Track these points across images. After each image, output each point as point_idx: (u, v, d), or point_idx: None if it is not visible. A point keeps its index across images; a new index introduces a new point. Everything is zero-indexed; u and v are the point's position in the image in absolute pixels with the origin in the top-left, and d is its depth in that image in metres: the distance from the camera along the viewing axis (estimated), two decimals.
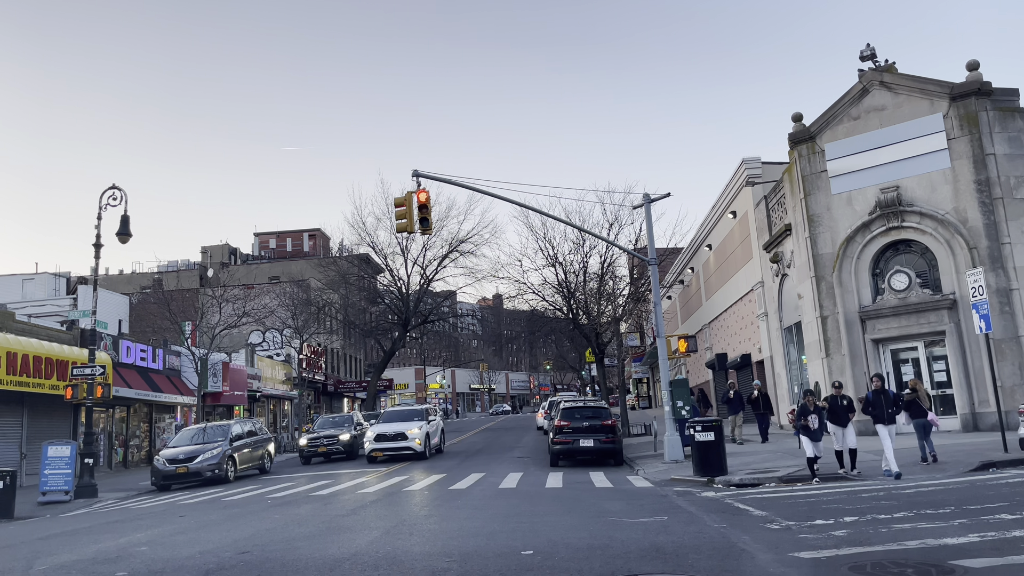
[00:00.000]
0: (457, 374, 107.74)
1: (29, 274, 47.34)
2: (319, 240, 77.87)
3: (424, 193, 18.33)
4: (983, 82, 20.90)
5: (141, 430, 33.47)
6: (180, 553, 9.49)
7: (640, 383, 65.07)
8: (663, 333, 21.80)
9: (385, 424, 25.73)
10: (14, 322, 25.44)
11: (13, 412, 24.57)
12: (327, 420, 30.82)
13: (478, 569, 7.45)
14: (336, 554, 8.72)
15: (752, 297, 31.07)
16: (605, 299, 35.19)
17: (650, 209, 22.11)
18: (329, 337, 57.11)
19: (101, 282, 27.69)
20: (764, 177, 29.06)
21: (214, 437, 22.77)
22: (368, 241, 41.64)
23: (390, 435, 24.53)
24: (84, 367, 21.38)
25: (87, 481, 20.18)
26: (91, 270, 23.95)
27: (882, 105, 22.32)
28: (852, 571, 6.64)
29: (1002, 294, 19.94)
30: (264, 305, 44.90)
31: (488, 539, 9.13)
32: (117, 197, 21.74)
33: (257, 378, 42.71)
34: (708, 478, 14.72)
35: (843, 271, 22.35)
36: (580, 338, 39.88)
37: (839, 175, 22.77)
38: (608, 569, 7.13)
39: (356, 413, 33.26)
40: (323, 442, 27.70)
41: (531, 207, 24.94)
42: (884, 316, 21.56)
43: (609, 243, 30.14)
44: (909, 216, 21.51)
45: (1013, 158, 20.54)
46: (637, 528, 9.43)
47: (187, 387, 35.48)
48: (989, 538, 7.64)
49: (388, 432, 24.64)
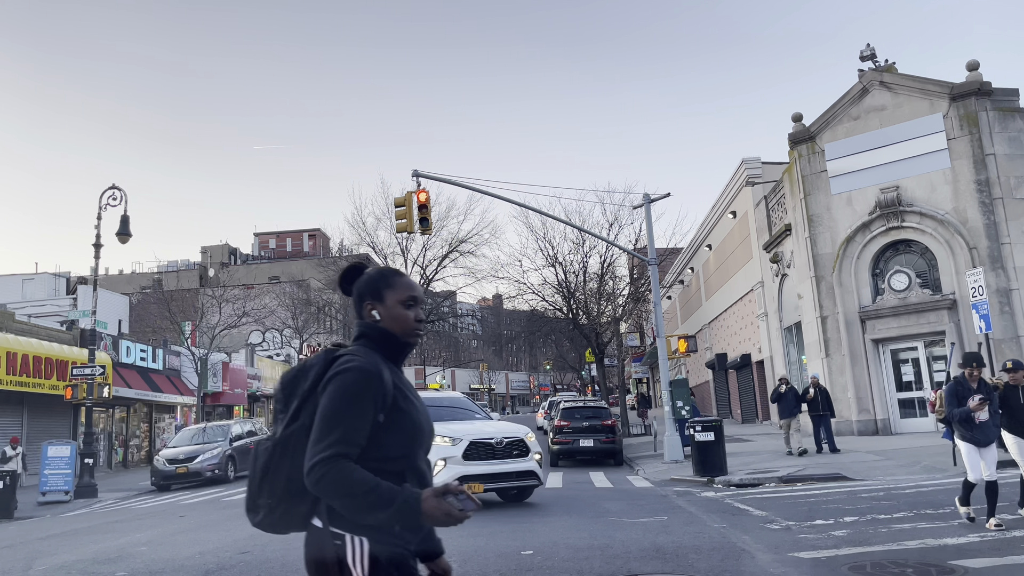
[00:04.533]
0: (457, 374, 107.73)
1: (29, 274, 47.38)
2: (319, 240, 77.91)
3: (424, 193, 18.33)
4: (983, 82, 20.90)
5: (141, 430, 33.49)
6: (180, 553, 9.49)
7: (640, 383, 65.11)
8: (663, 333, 21.80)
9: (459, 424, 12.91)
10: (14, 322, 25.46)
11: (13, 412, 24.59)
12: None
13: (478, 569, 7.45)
14: None
15: (752, 297, 31.07)
16: (605, 299, 35.20)
17: (650, 209, 22.12)
18: (329, 337, 57.11)
19: (101, 282, 27.70)
20: (764, 177, 29.07)
21: (214, 437, 22.77)
22: (368, 241, 41.65)
23: (496, 444, 11.83)
24: (84, 367, 21.40)
25: (87, 481, 20.18)
26: (91, 270, 23.95)
27: (882, 105, 22.33)
28: (852, 571, 6.65)
29: (1002, 294, 19.94)
30: (264, 305, 44.96)
31: (488, 539, 9.13)
32: (117, 197, 21.77)
33: (257, 378, 42.73)
34: (708, 478, 14.72)
35: (843, 271, 22.35)
36: (580, 338, 39.88)
37: (839, 175, 22.77)
38: (608, 569, 7.14)
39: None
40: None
41: (531, 207, 25.00)
42: (884, 316, 21.56)
43: (609, 243, 30.16)
44: (909, 216, 21.52)
45: (1013, 158, 20.54)
46: (637, 528, 9.43)
47: (187, 387, 35.50)
48: (989, 538, 7.65)
49: (489, 437, 11.93)
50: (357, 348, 2.36)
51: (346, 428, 2.14)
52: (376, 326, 2.40)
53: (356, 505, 2.11)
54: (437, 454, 11.03)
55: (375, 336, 2.39)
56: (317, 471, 2.10)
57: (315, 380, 2.28)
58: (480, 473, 11.32)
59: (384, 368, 2.28)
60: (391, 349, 2.39)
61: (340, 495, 2.10)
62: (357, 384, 2.19)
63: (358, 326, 2.46)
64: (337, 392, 2.19)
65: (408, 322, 2.41)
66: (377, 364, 2.26)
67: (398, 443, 2.26)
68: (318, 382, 2.27)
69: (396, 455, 2.25)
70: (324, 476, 2.09)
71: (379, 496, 2.09)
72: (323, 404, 2.19)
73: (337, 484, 2.09)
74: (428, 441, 2.41)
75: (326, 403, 2.19)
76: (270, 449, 2.31)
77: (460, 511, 2.11)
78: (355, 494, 2.09)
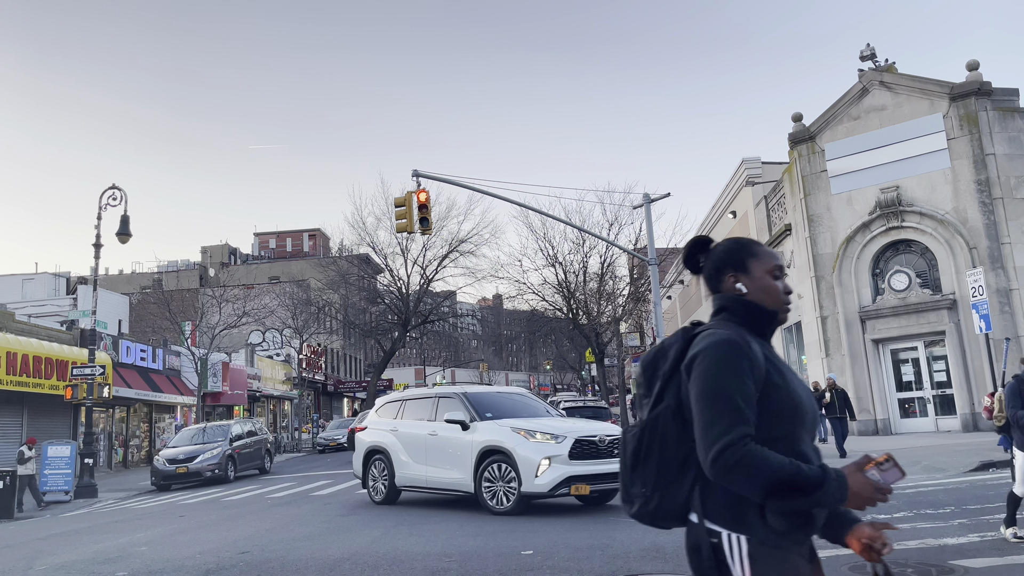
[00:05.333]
0: (457, 374, 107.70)
1: (29, 274, 47.40)
2: (319, 240, 77.86)
3: (424, 193, 18.34)
4: (983, 82, 20.90)
5: (141, 430, 33.49)
6: (180, 553, 9.49)
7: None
8: (663, 333, 21.82)
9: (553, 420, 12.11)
10: (14, 322, 25.45)
11: (13, 412, 24.58)
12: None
13: (478, 569, 7.45)
14: (336, 554, 8.71)
15: None
16: (605, 299, 35.21)
17: (650, 209, 22.13)
18: (329, 337, 57.12)
19: (101, 282, 27.71)
20: (764, 177, 29.08)
21: (214, 437, 22.78)
22: (368, 241, 41.69)
23: (599, 443, 10.98)
24: (84, 367, 21.40)
25: (87, 481, 20.19)
26: (91, 270, 23.96)
27: (882, 105, 22.33)
28: (852, 571, 6.65)
29: (1002, 294, 19.94)
30: (264, 305, 44.92)
31: (488, 538, 9.12)
32: (117, 197, 21.77)
33: (257, 378, 42.72)
34: None
35: (843, 271, 22.35)
36: (580, 338, 39.90)
37: (839, 175, 22.77)
38: (608, 569, 7.13)
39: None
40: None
41: (531, 207, 25.02)
42: (884, 316, 21.56)
43: (609, 243, 30.17)
44: (909, 216, 21.52)
45: (1013, 158, 20.54)
46: (637, 528, 9.41)
47: (187, 387, 35.49)
48: (989, 538, 7.64)
49: (593, 435, 11.08)
50: (717, 323, 2.21)
51: (736, 405, 1.96)
52: (741, 299, 2.22)
53: (775, 491, 1.89)
54: (541, 452, 10.67)
55: (739, 310, 2.21)
56: (727, 457, 1.90)
57: (676, 358, 2.16)
58: (587, 473, 10.66)
59: (752, 341, 2.11)
60: (759, 322, 2.21)
61: (757, 482, 1.89)
62: (730, 356, 2.03)
63: (717, 300, 2.28)
64: (712, 367, 2.02)
65: (778, 293, 2.23)
66: (744, 336, 2.10)
67: (777, 423, 2.04)
68: (679, 360, 2.15)
69: (776, 435, 2.02)
70: (738, 463, 1.89)
71: (805, 479, 1.88)
72: (699, 383, 2.03)
73: (753, 470, 1.89)
74: (813, 423, 2.15)
75: (702, 382, 2.02)
76: (638, 434, 2.17)
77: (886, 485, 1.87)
78: (776, 479, 1.88)
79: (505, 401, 12.65)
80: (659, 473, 2.12)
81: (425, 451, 12.28)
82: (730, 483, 1.93)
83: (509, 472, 10.86)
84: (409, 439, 12.62)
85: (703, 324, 2.24)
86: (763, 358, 2.09)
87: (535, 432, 11.00)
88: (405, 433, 12.77)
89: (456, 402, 12.28)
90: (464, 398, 12.30)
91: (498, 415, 11.83)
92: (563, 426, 11.43)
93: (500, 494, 10.98)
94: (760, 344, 2.14)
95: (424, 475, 12.27)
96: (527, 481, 10.60)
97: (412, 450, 12.50)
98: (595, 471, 10.71)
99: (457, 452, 11.67)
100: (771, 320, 2.23)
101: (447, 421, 11.88)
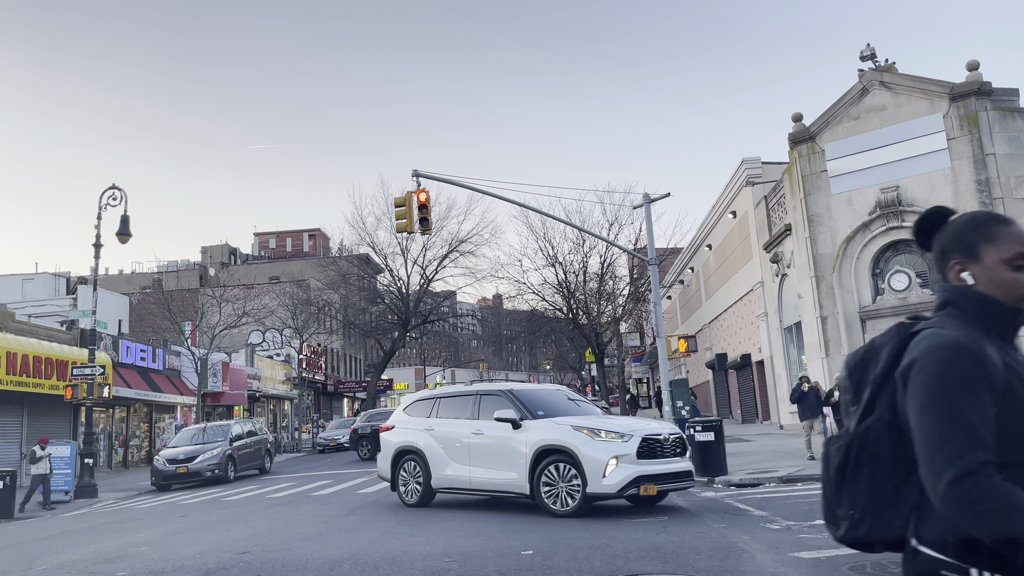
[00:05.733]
0: (457, 374, 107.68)
1: (29, 274, 47.40)
2: (319, 240, 77.87)
3: (424, 193, 18.32)
4: (983, 82, 20.90)
5: (141, 430, 33.49)
6: (180, 553, 9.49)
7: (640, 383, 65.09)
8: (663, 333, 21.80)
9: (616, 419, 12.26)
10: (14, 322, 25.45)
11: (13, 412, 24.59)
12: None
13: (478, 569, 7.44)
14: (336, 554, 8.71)
15: (752, 297, 31.07)
16: (605, 299, 35.24)
17: (650, 209, 22.11)
18: (329, 337, 57.12)
19: (101, 282, 27.71)
20: (764, 177, 29.09)
21: (214, 437, 22.77)
22: (368, 241, 41.74)
23: (664, 441, 10.69)
24: (84, 367, 21.39)
25: (87, 481, 20.19)
26: (91, 270, 23.96)
27: (882, 105, 22.33)
28: (852, 571, 6.65)
29: None
30: (264, 305, 44.94)
31: (488, 538, 9.12)
32: (117, 197, 21.77)
33: (257, 378, 42.72)
34: (708, 478, 14.70)
35: (843, 271, 22.35)
36: (580, 338, 39.92)
37: (839, 175, 22.78)
38: (608, 569, 7.13)
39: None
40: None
41: (531, 207, 25.00)
42: (884, 316, 21.56)
43: (609, 243, 30.18)
44: (909, 216, 21.51)
45: (1013, 158, 20.54)
46: (637, 528, 9.42)
47: (187, 387, 35.49)
48: None
49: (657, 433, 10.74)
50: (941, 319, 1.86)
51: (970, 424, 1.63)
52: (969, 291, 1.85)
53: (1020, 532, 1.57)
54: (608, 451, 10.11)
55: (968, 304, 1.84)
56: (959, 490, 1.59)
57: (889, 362, 1.85)
58: (655, 473, 10.24)
59: (987, 344, 1.75)
60: (995, 320, 1.83)
61: (998, 522, 1.57)
62: (958, 363, 1.69)
63: (942, 291, 1.92)
64: (937, 377, 1.69)
65: (1017, 287, 1.81)
66: (976, 338, 1.75)
67: (1021, 446, 1.69)
68: (893, 365, 1.84)
69: (1019, 461, 1.68)
70: (983, 498, 1.58)
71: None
72: (920, 396, 1.71)
73: (995, 506, 1.57)
74: None
75: (925, 395, 1.70)
76: (843, 448, 1.89)
77: None
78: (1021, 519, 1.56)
79: (552, 398, 12.03)
80: (870, 494, 1.84)
81: (468, 451, 11.58)
82: (965, 520, 1.61)
83: (571, 472, 10.26)
84: (448, 438, 11.93)
85: (923, 319, 1.91)
86: (1002, 364, 1.74)
87: (600, 431, 10.44)
88: (443, 432, 12.05)
89: (503, 399, 11.55)
90: (512, 395, 11.62)
91: (550, 413, 11.22)
92: (627, 424, 11.04)
93: (563, 495, 10.33)
94: (999, 347, 1.79)
95: (468, 476, 11.53)
96: (593, 481, 10.03)
97: (452, 450, 11.83)
98: (662, 470, 10.38)
99: (508, 452, 10.97)
100: (1012, 318, 1.84)
101: (497, 419, 11.15)
